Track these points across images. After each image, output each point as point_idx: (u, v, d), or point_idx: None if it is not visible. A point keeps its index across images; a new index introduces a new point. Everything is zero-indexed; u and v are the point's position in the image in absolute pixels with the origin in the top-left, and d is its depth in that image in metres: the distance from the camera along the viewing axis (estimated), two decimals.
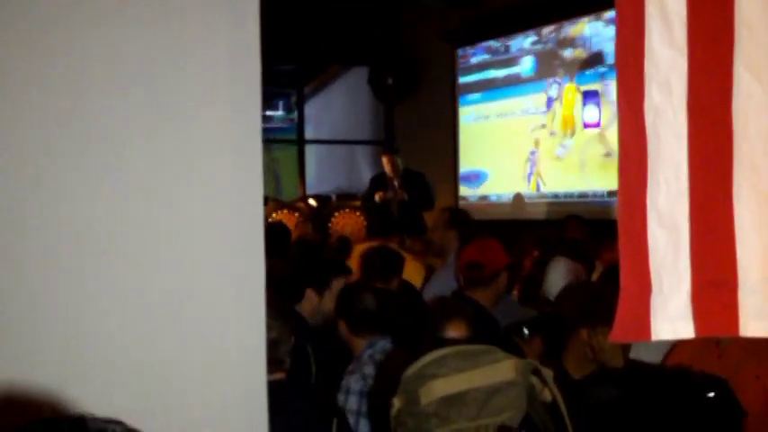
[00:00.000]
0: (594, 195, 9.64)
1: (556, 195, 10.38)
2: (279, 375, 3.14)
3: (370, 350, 3.95)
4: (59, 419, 1.10)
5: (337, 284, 4.78)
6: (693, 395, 3.29)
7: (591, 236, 7.52)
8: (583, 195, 9.91)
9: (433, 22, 12.01)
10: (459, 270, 5.23)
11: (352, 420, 3.73)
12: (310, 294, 4.76)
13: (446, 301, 4.56)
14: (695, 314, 2.30)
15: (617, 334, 2.31)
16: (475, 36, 11.61)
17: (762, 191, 2.31)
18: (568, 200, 10.16)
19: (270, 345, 2.35)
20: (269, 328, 2.36)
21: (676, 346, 3.88)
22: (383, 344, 3.99)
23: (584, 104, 9.23)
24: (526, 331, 4.49)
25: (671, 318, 2.29)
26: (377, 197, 10.71)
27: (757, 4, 2.30)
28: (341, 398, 3.83)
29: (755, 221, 2.30)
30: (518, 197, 10.98)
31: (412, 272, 6.11)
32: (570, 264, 4.99)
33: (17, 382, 2.03)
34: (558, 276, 4.86)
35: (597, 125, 9.13)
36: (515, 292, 5.67)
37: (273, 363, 2.37)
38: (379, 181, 11.05)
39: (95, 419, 1.12)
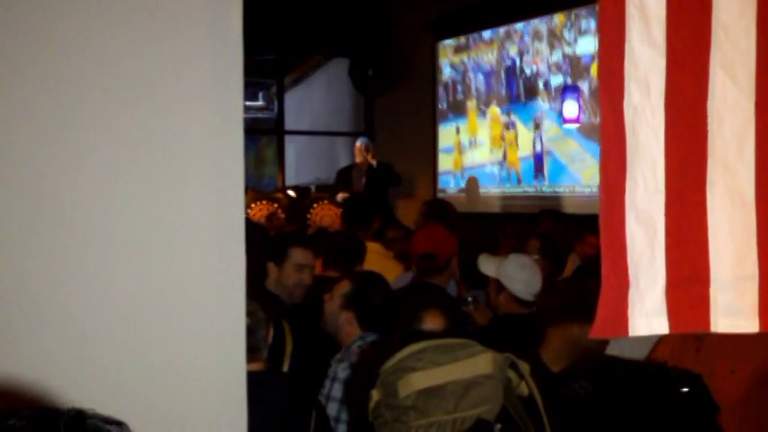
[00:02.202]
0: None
1: (537, 189, 10.45)
2: (256, 366, 3.13)
3: (360, 341, 3.95)
4: (59, 411, 1.10)
5: (295, 254, 4.79)
6: (667, 390, 3.31)
7: (565, 230, 7.56)
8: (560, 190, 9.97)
9: (415, 14, 12.00)
10: (412, 260, 5.49)
11: (335, 408, 3.74)
12: (271, 268, 4.77)
13: (419, 293, 4.58)
14: (669, 310, 2.33)
15: (597, 330, 2.34)
16: (456, 28, 11.62)
17: (734, 189, 2.35)
18: (546, 194, 10.21)
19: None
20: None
21: (661, 339, 3.91)
22: (372, 336, 4.00)
23: (564, 99, 9.25)
24: (470, 299, 5.04)
25: (647, 314, 2.32)
26: (339, 197, 10.79)
27: (734, 6, 2.33)
28: (327, 384, 3.84)
29: (728, 220, 2.34)
30: (472, 182, 11.06)
31: (386, 269, 6.10)
32: (529, 259, 5.00)
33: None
34: (525, 274, 4.87)
35: (577, 120, 9.15)
36: None
37: (248, 350, 2.37)
38: (343, 175, 11.17)
39: (95, 416, 1.12)
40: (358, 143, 11.57)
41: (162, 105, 2.22)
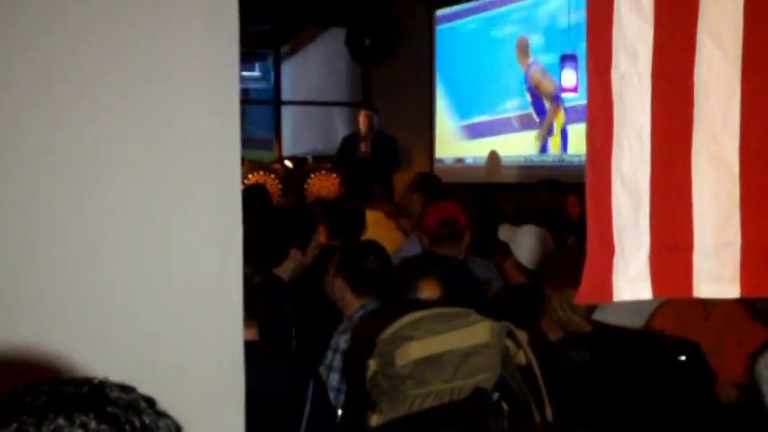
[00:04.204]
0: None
1: (531, 159, 10.43)
2: (249, 334, 3.14)
3: (362, 312, 3.95)
4: (80, 381, 1.09)
5: (317, 237, 4.85)
6: (664, 358, 3.33)
7: (562, 200, 7.54)
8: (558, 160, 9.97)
9: None
10: (426, 229, 5.45)
11: (336, 378, 3.75)
12: (295, 254, 4.75)
13: (416, 262, 4.58)
14: (652, 275, 2.36)
15: (582, 295, 2.35)
16: None
17: (719, 158, 2.37)
18: (543, 163, 10.20)
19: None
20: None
21: (662, 308, 3.93)
22: (374, 305, 3.99)
23: (562, 68, 9.21)
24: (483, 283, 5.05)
25: (631, 278, 2.35)
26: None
27: None
28: (329, 355, 3.85)
29: (712, 188, 2.36)
30: (493, 157, 11.01)
31: (392, 239, 6.09)
32: (539, 230, 5.00)
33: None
34: (530, 242, 4.87)
35: (575, 90, 9.12)
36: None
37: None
38: (350, 141, 11.14)
39: (115, 386, 1.11)
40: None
41: (158, 78, 2.22)
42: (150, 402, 1.11)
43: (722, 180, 2.37)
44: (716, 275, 2.37)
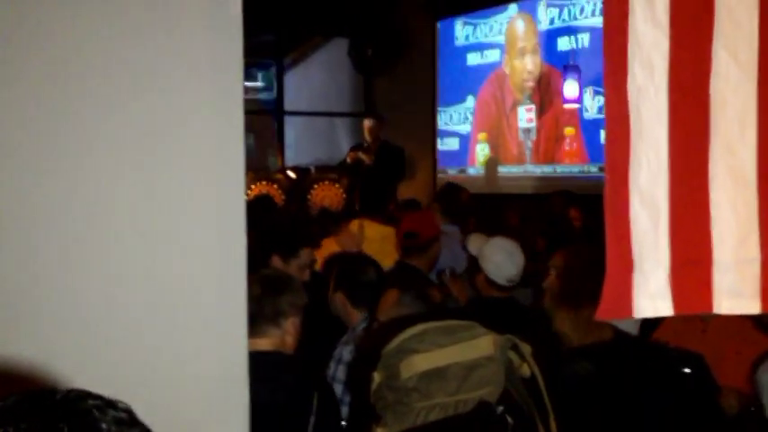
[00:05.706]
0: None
1: (539, 170, 10.43)
2: (263, 344, 3.15)
3: (365, 323, 3.97)
4: (50, 392, 1.09)
5: (305, 255, 4.75)
6: (670, 371, 3.33)
7: (577, 211, 7.51)
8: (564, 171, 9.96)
9: None
10: (397, 241, 5.63)
11: (339, 389, 3.75)
12: (276, 261, 4.67)
13: (399, 274, 4.63)
14: (673, 292, 2.32)
15: (602, 312, 2.33)
16: (456, 7, 11.58)
17: (737, 171, 2.34)
18: (550, 175, 10.19)
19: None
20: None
21: (663, 320, 3.91)
22: None
23: (564, 79, 9.22)
24: (448, 273, 5.22)
25: (651, 295, 2.32)
26: (348, 158, 10.80)
27: None
28: (332, 366, 3.86)
29: (730, 201, 2.33)
30: (491, 163, 11.01)
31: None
32: (508, 243, 4.89)
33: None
34: (498, 256, 4.76)
35: (577, 101, 9.13)
36: None
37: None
38: (355, 148, 11.19)
39: (90, 396, 1.10)
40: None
41: (162, 88, 2.22)
42: (98, 414, 1.09)
43: (740, 193, 2.34)
44: (736, 291, 2.33)
